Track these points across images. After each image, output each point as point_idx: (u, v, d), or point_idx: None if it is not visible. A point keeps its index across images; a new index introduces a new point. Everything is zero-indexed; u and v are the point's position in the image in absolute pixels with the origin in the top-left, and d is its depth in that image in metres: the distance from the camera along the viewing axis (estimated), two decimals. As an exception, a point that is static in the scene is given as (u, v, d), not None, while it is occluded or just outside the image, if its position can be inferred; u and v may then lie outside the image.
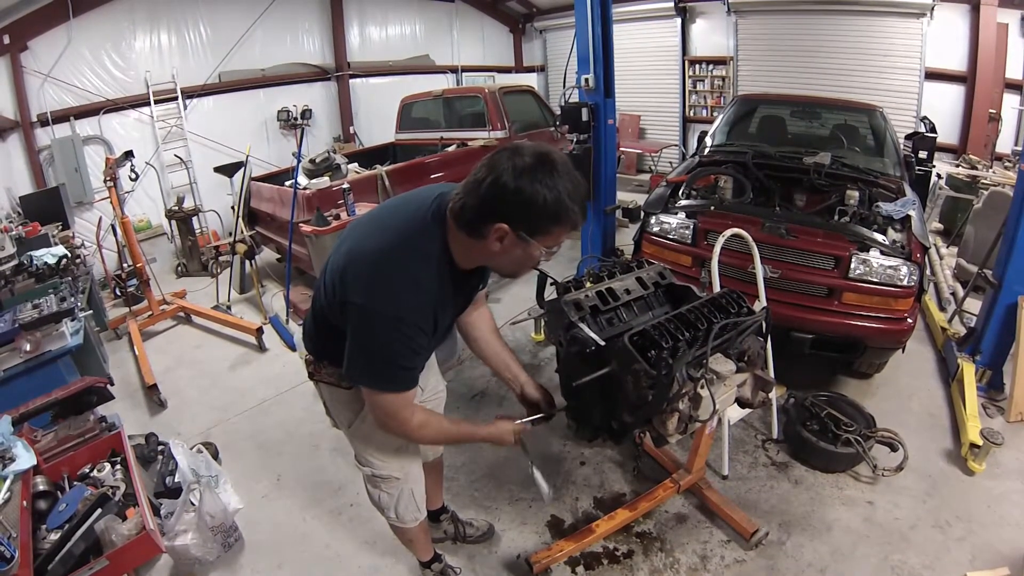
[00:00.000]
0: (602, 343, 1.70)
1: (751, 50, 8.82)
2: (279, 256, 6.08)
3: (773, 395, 3.12)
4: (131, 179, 5.00)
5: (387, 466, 1.83)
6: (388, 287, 1.32)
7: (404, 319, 1.32)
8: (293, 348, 4.42)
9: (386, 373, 1.39)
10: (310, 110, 8.27)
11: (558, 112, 4.70)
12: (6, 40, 5.59)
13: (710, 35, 9.22)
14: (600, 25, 4.04)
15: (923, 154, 4.40)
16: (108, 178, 4.44)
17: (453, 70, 10.26)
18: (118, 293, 5.68)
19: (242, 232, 5.43)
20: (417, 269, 1.34)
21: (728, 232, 2.81)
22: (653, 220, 3.75)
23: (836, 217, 3.45)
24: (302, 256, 4.80)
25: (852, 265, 3.10)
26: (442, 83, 9.80)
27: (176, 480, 2.60)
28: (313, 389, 1.86)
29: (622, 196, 5.12)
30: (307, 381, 1.68)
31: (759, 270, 2.91)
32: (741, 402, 1.80)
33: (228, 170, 5.82)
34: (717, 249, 2.78)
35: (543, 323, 4.20)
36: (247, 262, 5.36)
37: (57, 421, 2.73)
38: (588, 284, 2.06)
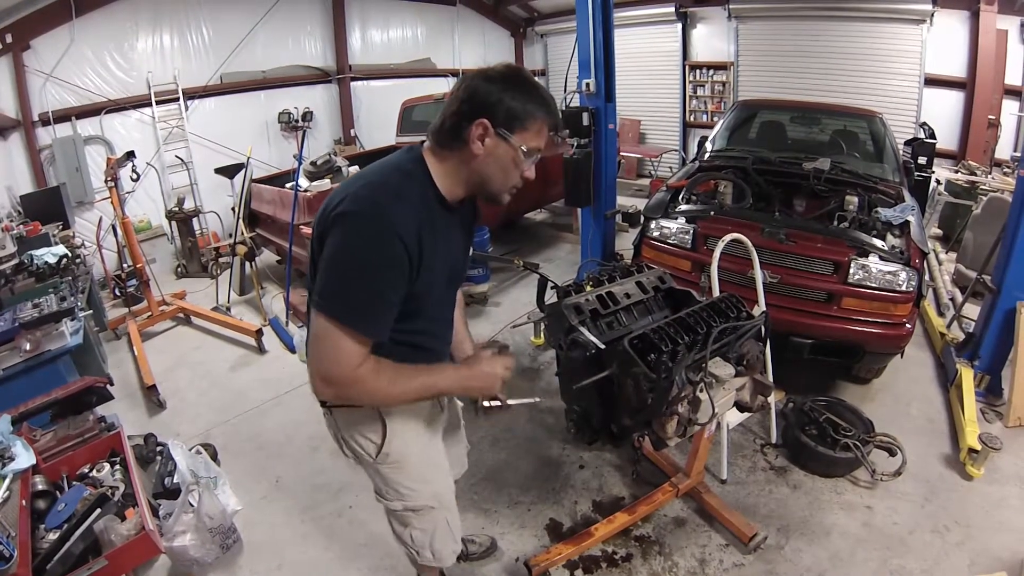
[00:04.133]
0: (602, 346, 1.71)
1: (751, 55, 8.85)
2: (279, 258, 6.09)
3: (772, 399, 3.13)
4: (132, 179, 5.01)
5: (420, 494, 1.64)
6: (370, 191, 1.26)
7: (387, 221, 1.21)
8: (293, 350, 4.43)
9: (350, 292, 1.23)
10: (311, 112, 8.28)
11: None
12: (9, 39, 5.59)
13: (711, 40, 9.25)
14: (601, 30, 4.06)
15: (922, 160, 4.41)
16: (109, 178, 4.45)
17: (454, 73, 10.26)
18: (118, 293, 5.69)
19: (242, 234, 5.44)
20: (399, 182, 1.30)
21: (728, 237, 2.82)
22: (653, 225, 3.76)
23: (835, 222, 3.45)
24: (302, 258, 4.81)
25: (851, 270, 3.11)
26: (443, 86, 9.81)
27: (175, 481, 2.61)
28: (318, 409, 1.61)
29: (622, 201, 5.15)
30: (306, 384, 1.51)
31: (758, 275, 2.92)
32: (740, 406, 1.81)
33: (229, 171, 5.84)
34: (717, 254, 2.79)
35: (543, 327, 4.20)
36: (247, 264, 5.36)
37: (56, 421, 2.73)
38: (588, 288, 2.07)
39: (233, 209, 5.90)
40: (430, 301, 1.41)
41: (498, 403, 1.63)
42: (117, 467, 2.46)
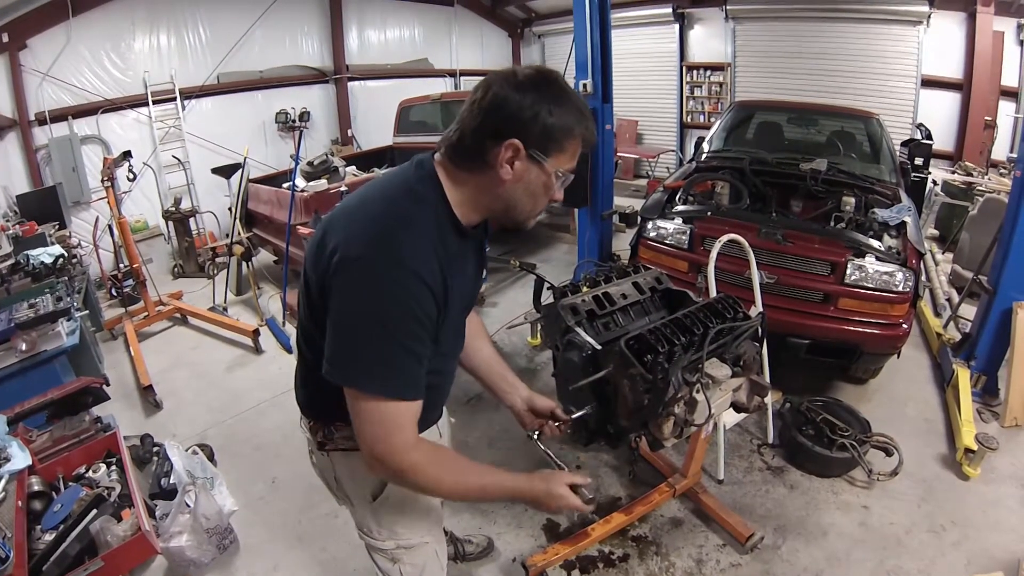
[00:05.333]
0: (598, 347, 1.71)
1: (748, 56, 8.87)
2: (276, 258, 6.08)
3: (769, 400, 3.13)
4: (129, 179, 5.01)
5: (415, 531, 1.49)
6: (380, 225, 1.05)
7: (405, 265, 1.01)
8: (289, 350, 4.42)
9: (380, 359, 1.04)
10: (308, 112, 8.27)
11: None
12: (5, 38, 5.57)
13: (708, 41, 9.27)
14: (599, 30, 4.06)
15: (919, 161, 4.43)
16: (106, 178, 4.44)
17: (451, 74, 10.28)
18: (114, 293, 5.68)
19: (239, 234, 5.43)
20: (412, 209, 1.09)
21: (724, 238, 2.82)
22: (650, 225, 3.76)
23: (832, 223, 3.46)
24: (299, 258, 4.80)
25: (848, 271, 3.11)
26: (440, 87, 9.82)
27: (171, 481, 2.61)
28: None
29: (619, 201, 5.14)
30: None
31: (755, 276, 2.92)
32: (737, 407, 1.81)
33: (226, 171, 5.83)
34: (713, 254, 2.79)
35: (540, 327, 4.21)
36: (244, 264, 5.36)
37: (52, 421, 2.73)
38: (585, 289, 2.07)
39: (230, 209, 5.90)
40: (444, 340, 1.21)
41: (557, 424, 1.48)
42: (113, 468, 2.46)
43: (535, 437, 1.45)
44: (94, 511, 2.11)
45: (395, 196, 1.12)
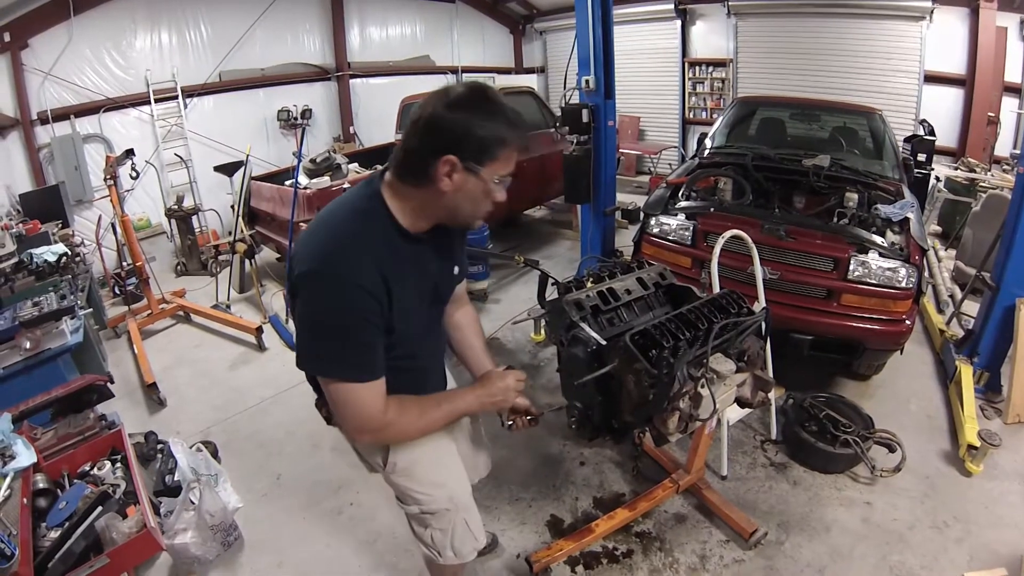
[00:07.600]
0: (603, 342, 1.71)
1: (751, 52, 8.84)
2: (279, 255, 6.09)
3: (772, 396, 3.13)
4: (131, 178, 5.00)
5: (434, 499, 1.63)
6: (325, 245, 1.23)
7: (346, 278, 1.19)
8: (293, 347, 4.43)
9: (338, 352, 1.25)
10: (310, 110, 8.27)
11: (558, 113, 4.71)
12: (7, 38, 5.58)
13: (710, 37, 9.24)
14: (600, 27, 4.05)
15: (922, 157, 4.42)
16: (108, 176, 4.44)
17: (453, 71, 10.26)
18: (117, 292, 5.69)
19: (242, 231, 5.44)
20: (354, 226, 1.27)
21: (728, 234, 2.81)
22: (653, 221, 3.76)
23: (835, 219, 3.45)
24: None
25: (851, 267, 3.11)
26: (442, 84, 9.78)
27: (176, 479, 2.61)
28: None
29: (622, 198, 5.14)
30: (306, 382, 1.52)
31: (758, 271, 2.92)
32: (741, 402, 1.81)
33: (228, 169, 5.83)
34: (717, 250, 2.79)
35: (543, 323, 4.21)
36: (247, 261, 5.36)
37: (57, 419, 2.74)
38: (589, 284, 2.07)
39: (232, 207, 5.90)
40: (412, 329, 1.39)
41: (528, 417, 1.70)
42: (118, 465, 2.47)
43: (508, 428, 1.70)
44: (99, 508, 2.11)
45: (341, 217, 1.30)
